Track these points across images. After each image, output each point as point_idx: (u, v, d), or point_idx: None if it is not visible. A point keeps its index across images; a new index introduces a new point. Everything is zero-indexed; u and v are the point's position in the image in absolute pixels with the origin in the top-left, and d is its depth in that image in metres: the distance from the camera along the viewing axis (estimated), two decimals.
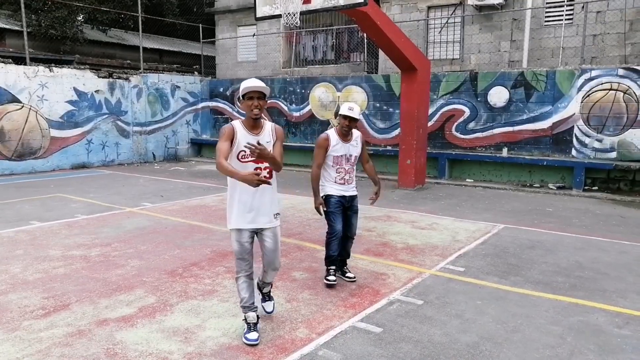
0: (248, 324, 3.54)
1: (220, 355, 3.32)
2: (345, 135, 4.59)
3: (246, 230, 3.50)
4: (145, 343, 3.47)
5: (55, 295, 4.33)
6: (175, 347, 3.42)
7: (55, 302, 4.19)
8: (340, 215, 4.60)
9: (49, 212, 7.73)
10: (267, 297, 3.98)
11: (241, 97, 3.40)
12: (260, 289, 3.95)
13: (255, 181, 3.13)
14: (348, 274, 4.81)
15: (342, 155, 4.56)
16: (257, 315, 3.59)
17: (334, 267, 4.71)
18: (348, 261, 4.94)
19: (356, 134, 4.70)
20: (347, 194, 4.64)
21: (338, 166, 4.57)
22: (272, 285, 4.00)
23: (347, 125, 4.48)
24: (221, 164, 3.24)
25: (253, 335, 3.48)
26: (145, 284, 4.63)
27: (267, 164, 3.43)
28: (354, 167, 4.70)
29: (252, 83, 3.37)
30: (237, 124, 3.45)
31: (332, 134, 4.58)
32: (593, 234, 6.72)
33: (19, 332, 3.63)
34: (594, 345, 3.52)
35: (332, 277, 4.65)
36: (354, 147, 4.65)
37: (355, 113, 4.45)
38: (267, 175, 3.45)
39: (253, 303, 3.58)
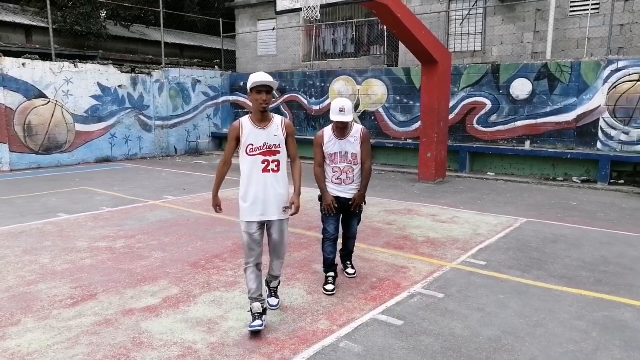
0: (253, 314, 3.55)
1: (243, 345, 3.37)
2: (340, 132, 4.26)
3: (255, 222, 3.57)
4: (169, 333, 3.55)
5: (82, 285, 4.45)
6: (198, 337, 3.48)
7: (83, 292, 4.30)
8: (335, 216, 4.31)
9: (75, 205, 7.91)
10: (273, 292, 4.01)
11: (249, 90, 3.45)
12: (267, 283, 4.00)
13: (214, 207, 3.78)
14: (348, 269, 4.70)
15: (335, 153, 4.25)
16: (263, 306, 3.59)
17: (332, 275, 4.39)
18: (353, 256, 4.85)
19: (356, 128, 4.31)
20: (342, 195, 4.31)
21: (333, 164, 4.29)
22: (279, 281, 4.04)
23: (339, 127, 4.22)
24: (218, 166, 3.75)
25: (256, 322, 3.51)
26: (168, 275, 4.72)
27: (275, 157, 3.53)
28: (354, 166, 4.30)
29: (260, 77, 3.40)
30: (244, 120, 3.55)
31: (327, 130, 4.32)
32: (619, 228, 6.59)
33: (49, 320, 3.75)
34: (619, 341, 3.47)
35: (329, 286, 4.29)
36: (351, 143, 4.25)
37: (347, 116, 4.09)
38: (275, 168, 3.55)
39: (260, 295, 3.61)
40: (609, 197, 8.90)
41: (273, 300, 3.97)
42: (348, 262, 4.76)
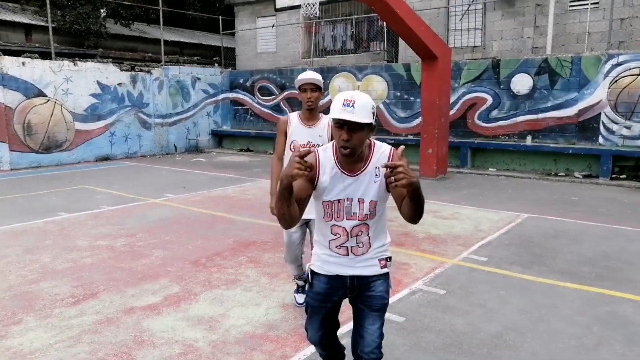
0: (298, 286, 3.96)
1: (244, 343, 3.37)
2: (348, 160, 2.19)
3: None
4: (171, 331, 3.55)
5: (83, 284, 4.45)
6: (200, 335, 3.48)
7: (84, 291, 4.30)
8: (324, 315, 2.44)
9: (75, 204, 7.91)
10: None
11: (298, 90, 3.53)
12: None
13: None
14: None
15: (340, 201, 2.22)
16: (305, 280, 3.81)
17: None
18: None
19: (380, 152, 2.23)
20: (345, 272, 2.31)
21: (333, 221, 2.25)
22: None
23: (346, 137, 2.07)
24: (271, 167, 3.63)
25: (301, 297, 3.87)
26: (169, 274, 4.72)
27: None
28: (370, 223, 2.26)
29: (304, 75, 3.46)
30: (293, 116, 3.58)
31: (328, 154, 2.24)
32: (620, 223, 6.57)
33: (51, 319, 3.75)
34: (621, 336, 3.46)
35: None
36: (371, 182, 2.21)
37: (359, 112, 2.04)
38: None
39: (302, 275, 3.83)
40: (611, 192, 8.88)
41: (300, 298, 4.01)
42: None
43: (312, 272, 2.40)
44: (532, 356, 3.19)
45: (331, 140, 2.50)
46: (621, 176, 9.96)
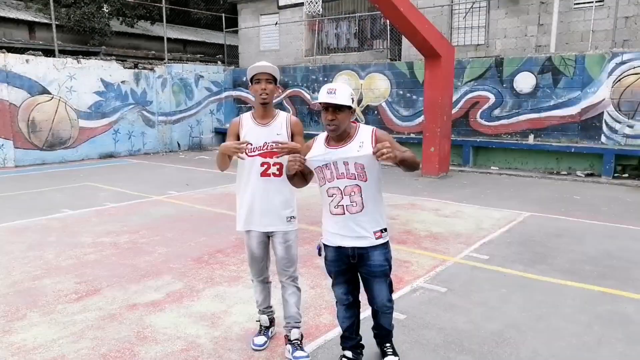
0: (260, 327, 3.35)
1: (246, 340, 3.39)
2: (334, 137, 2.74)
3: (255, 232, 3.15)
4: (173, 327, 3.58)
5: (87, 281, 4.48)
6: (202, 332, 3.50)
7: (87, 287, 4.33)
8: (343, 276, 2.90)
9: (79, 201, 7.95)
10: (296, 346, 3.11)
11: (250, 82, 3.07)
12: (285, 337, 3.21)
13: (232, 150, 2.97)
14: (387, 358, 3.01)
15: (327, 165, 2.73)
16: (271, 319, 3.37)
17: (349, 357, 2.98)
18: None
19: (364, 130, 2.77)
20: (346, 244, 2.78)
21: (328, 184, 2.77)
22: (301, 334, 3.19)
23: (330, 120, 2.65)
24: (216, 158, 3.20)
25: (259, 339, 3.26)
26: (172, 270, 4.75)
27: (277, 159, 3.04)
28: (362, 184, 2.72)
29: (258, 64, 3.03)
30: (245, 117, 3.17)
31: (320, 137, 2.85)
32: (623, 222, 6.56)
33: (54, 315, 3.78)
34: (622, 335, 3.46)
35: None
36: (354, 150, 2.70)
37: (340, 97, 2.61)
38: (277, 173, 3.07)
39: (268, 307, 3.37)
40: (613, 191, 8.87)
41: (299, 354, 3.07)
42: (387, 345, 3.06)
43: (323, 245, 2.90)
44: (532, 354, 3.20)
45: (292, 136, 3.11)
46: (624, 175, 9.94)
